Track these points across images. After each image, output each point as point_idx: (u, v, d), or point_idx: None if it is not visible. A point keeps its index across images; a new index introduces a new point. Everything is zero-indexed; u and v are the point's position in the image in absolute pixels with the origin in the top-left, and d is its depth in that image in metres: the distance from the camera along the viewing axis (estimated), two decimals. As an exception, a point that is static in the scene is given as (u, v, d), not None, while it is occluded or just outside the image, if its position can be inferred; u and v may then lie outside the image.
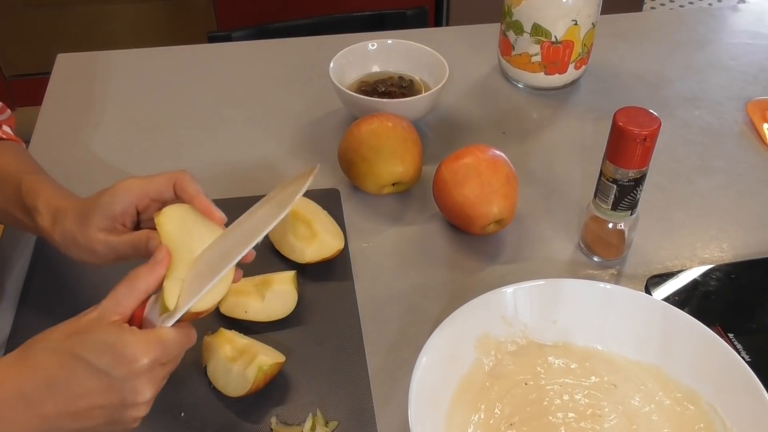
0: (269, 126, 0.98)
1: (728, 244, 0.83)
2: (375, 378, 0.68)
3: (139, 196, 0.64)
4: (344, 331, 0.72)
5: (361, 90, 0.96)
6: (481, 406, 0.63)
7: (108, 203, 0.63)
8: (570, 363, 0.67)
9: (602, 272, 0.79)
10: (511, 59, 1.03)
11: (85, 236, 0.63)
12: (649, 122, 0.68)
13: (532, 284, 0.68)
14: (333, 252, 0.76)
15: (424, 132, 0.97)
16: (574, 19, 0.96)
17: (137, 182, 0.64)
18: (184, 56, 1.13)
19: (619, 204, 0.73)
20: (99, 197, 0.64)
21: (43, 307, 0.73)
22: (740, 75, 1.10)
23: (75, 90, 1.04)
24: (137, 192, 0.63)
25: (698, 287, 0.76)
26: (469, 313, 0.65)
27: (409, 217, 0.85)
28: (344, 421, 0.64)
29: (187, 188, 0.63)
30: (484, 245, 0.81)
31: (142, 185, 0.64)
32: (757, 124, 0.99)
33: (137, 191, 0.63)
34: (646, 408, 0.63)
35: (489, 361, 0.66)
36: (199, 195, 0.63)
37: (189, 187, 0.63)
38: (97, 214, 0.63)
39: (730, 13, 1.28)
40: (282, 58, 1.12)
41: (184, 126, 0.98)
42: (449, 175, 0.79)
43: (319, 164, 0.64)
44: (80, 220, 0.64)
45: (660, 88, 1.07)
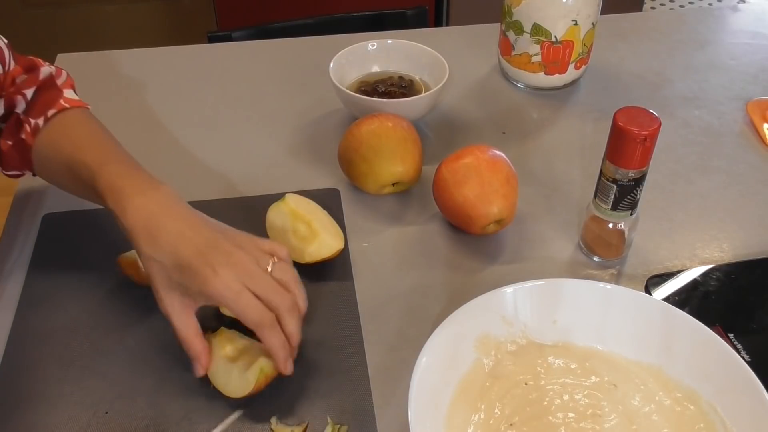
0: (269, 126, 0.98)
1: (728, 244, 0.83)
2: (375, 378, 0.68)
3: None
4: (344, 331, 0.72)
5: (361, 90, 0.96)
6: (481, 406, 0.63)
7: (194, 295, 0.62)
8: (570, 363, 0.67)
9: (602, 272, 0.79)
10: (511, 59, 1.03)
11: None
12: (649, 122, 0.68)
13: (532, 284, 0.68)
14: (333, 252, 0.76)
15: (424, 132, 0.97)
16: (574, 19, 0.96)
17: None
18: (184, 56, 1.13)
19: (619, 204, 0.73)
20: (189, 282, 0.61)
21: (43, 307, 0.73)
22: (740, 75, 1.10)
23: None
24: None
25: (698, 287, 0.76)
26: (469, 313, 0.65)
27: (409, 217, 0.85)
28: (344, 421, 0.64)
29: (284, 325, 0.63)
30: (484, 245, 0.81)
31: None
32: (757, 124, 0.99)
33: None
34: (646, 408, 0.63)
35: (489, 361, 0.66)
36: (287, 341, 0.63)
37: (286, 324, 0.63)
38: (181, 291, 0.62)
39: (730, 13, 1.28)
40: (282, 58, 1.12)
41: (184, 126, 0.98)
42: (449, 175, 0.79)
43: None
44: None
45: (660, 88, 1.07)
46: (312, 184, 0.88)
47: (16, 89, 0.75)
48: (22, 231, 0.82)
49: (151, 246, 0.62)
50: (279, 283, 0.63)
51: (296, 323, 0.63)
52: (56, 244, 0.80)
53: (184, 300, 0.62)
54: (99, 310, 0.73)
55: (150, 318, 0.71)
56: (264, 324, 0.61)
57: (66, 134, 0.73)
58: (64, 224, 0.82)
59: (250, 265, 0.62)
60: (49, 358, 0.69)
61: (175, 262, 0.61)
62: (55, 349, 0.70)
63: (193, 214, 0.65)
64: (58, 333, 0.71)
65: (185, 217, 0.64)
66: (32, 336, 0.71)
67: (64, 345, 0.70)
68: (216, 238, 0.62)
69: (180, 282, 0.61)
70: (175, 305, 0.62)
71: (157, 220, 0.63)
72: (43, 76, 0.76)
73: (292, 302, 0.63)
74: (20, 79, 0.76)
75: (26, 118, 0.74)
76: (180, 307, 0.63)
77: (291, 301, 0.63)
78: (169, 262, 0.61)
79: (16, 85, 0.75)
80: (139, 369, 0.68)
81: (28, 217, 0.84)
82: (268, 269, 0.63)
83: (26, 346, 0.70)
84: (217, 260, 0.60)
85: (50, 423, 0.64)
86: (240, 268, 0.61)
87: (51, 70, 0.78)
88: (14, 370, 0.68)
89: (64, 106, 0.74)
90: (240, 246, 0.63)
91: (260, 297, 0.61)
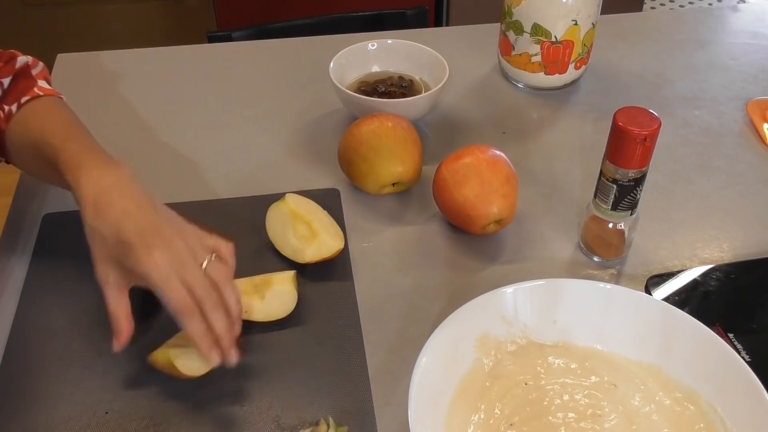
0: (269, 126, 0.98)
1: (728, 244, 0.83)
2: (375, 378, 0.68)
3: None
4: (344, 331, 0.71)
5: (361, 90, 0.96)
6: (481, 406, 0.63)
7: (127, 272, 0.63)
8: (570, 363, 0.67)
9: (602, 272, 0.79)
10: (511, 59, 1.03)
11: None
12: (649, 122, 0.68)
13: (532, 284, 0.68)
14: (333, 252, 0.76)
15: (424, 132, 0.97)
16: (574, 19, 0.96)
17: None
18: (184, 56, 1.13)
19: (619, 204, 0.73)
20: (124, 257, 0.62)
21: (43, 307, 0.73)
22: (740, 75, 1.10)
23: (75, 90, 1.04)
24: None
25: (698, 287, 0.76)
26: (469, 313, 0.65)
27: (409, 217, 0.85)
28: (344, 421, 0.64)
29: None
30: (484, 245, 0.81)
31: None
32: (757, 124, 0.99)
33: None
34: (646, 408, 0.63)
35: (489, 361, 0.66)
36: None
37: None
38: (117, 266, 0.63)
39: (730, 13, 1.28)
40: (282, 58, 1.12)
41: (184, 126, 0.98)
42: (449, 175, 0.79)
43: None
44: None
45: (660, 88, 1.07)
46: (312, 184, 0.88)
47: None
48: (22, 231, 0.82)
49: (96, 218, 0.63)
50: (210, 280, 0.63)
51: (222, 321, 0.62)
52: (56, 244, 0.80)
53: (118, 275, 0.64)
54: (99, 310, 0.73)
55: (150, 318, 0.71)
56: (184, 311, 0.61)
57: (36, 119, 0.74)
58: (64, 224, 0.82)
59: (184, 254, 0.62)
60: (49, 358, 0.69)
61: (116, 237, 0.62)
62: (55, 349, 0.70)
63: (144, 195, 0.65)
64: (58, 333, 0.71)
65: (135, 197, 0.65)
66: (32, 336, 0.71)
67: (64, 345, 0.70)
68: (159, 223, 0.64)
69: (116, 257, 0.63)
70: (109, 279, 0.64)
71: (108, 195, 0.64)
72: (19, 65, 0.79)
73: (217, 299, 0.63)
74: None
75: (0, 105, 0.76)
76: (114, 282, 0.64)
77: (216, 298, 0.63)
78: (110, 236, 0.62)
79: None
80: (139, 369, 0.67)
81: (28, 217, 0.84)
82: (203, 264, 0.63)
83: (26, 346, 0.70)
84: (154, 242, 0.61)
85: (50, 423, 0.64)
86: (174, 255, 0.62)
87: (27, 60, 0.80)
88: (14, 370, 0.68)
89: (37, 94, 0.77)
90: (181, 235, 0.64)
91: (187, 287, 0.62)
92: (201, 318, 0.62)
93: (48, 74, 0.81)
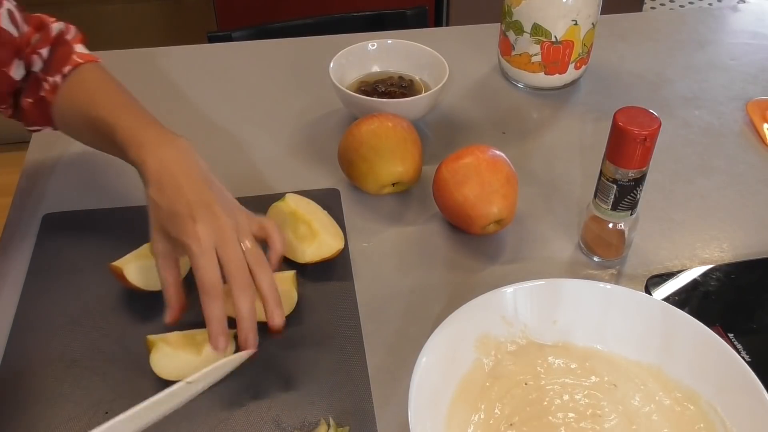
0: (269, 126, 0.98)
1: (728, 244, 0.83)
2: (375, 378, 0.68)
3: None
4: (344, 331, 0.72)
5: (361, 90, 0.96)
6: (481, 406, 0.63)
7: (173, 242, 0.65)
8: (570, 363, 0.67)
9: (602, 272, 0.79)
10: (511, 59, 1.03)
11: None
12: (649, 122, 0.68)
13: (532, 284, 0.68)
14: (333, 252, 0.76)
15: (424, 132, 0.97)
16: (574, 19, 0.96)
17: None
18: (184, 56, 1.13)
19: (619, 204, 0.73)
20: (172, 229, 0.64)
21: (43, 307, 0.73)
22: (740, 75, 1.10)
23: (75, 90, 1.04)
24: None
25: (698, 287, 0.76)
26: (469, 313, 0.65)
27: (409, 217, 0.85)
28: (344, 421, 0.64)
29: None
30: (484, 245, 0.81)
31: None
32: (757, 124, 0.99)
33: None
34: (646, 408, 0.63)
35: (489, 361, 0.66)
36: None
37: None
38: (166, 235, 0.65)
39: (730, 13, 1.28)
40: (282, 58, 1.12)
41: (184, 126, 0.97)
42: (449, 175, 0.79)
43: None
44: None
45: (660, 88, 1.07)
46: (312, 184, 0.88)
47: (31, 49, 0.79)
48: (22, 231, 0.82)
49: (156, 192, 0.65)
50: (248, 261, 0.64)
51: (247, 302, 0.63)
52: (56, 244, 0.80)
53: (167, 246, 0.65)
54: (99, 310, 0.73)
55: (150, 318, 0.71)
56: (210, 291, 0.62)
57: (83, 89, 0.77)
58: (64, 224, 0.82)
59: (228, 232, 0.63)
60: (49, 358, 0.69)
61: (169, 208, 0.64)
62: (55, 349, 0.70)
63: (201, 172, 0.68)
64: (58, 333, 0.71)
65: (193, 173, 0.67)
66: (32, 336, 0.71)
67: (64, 345, 0.70)
68: (210, 199, 0.65)
69: (166, 229, 0.64)
70: (159, 248, 0.66)
71: (168, 171, 0.66)
72: (54, 33, 0.81)
73: (248, 281, 0.63)
74: (34, 39, 0.80)
75: (44, 76, 0.79)
76: (164, 251, 0.66)
77: (249, 280, 0.63)
78: (164, 207, 0.64)
79: (31, 46, 0.79)
80: (139, 369, 0.67)
81: (28, 217, 0.84)
82: (244, 245, 0.64)
83: (26, 346, 0.70)
84: (201, 216, 0.63)
85: (50, 423, 0.64)
86: (218, 231, 0.63)
87: (60, 27, 0.82)
88: (14, 370, 0.68)
89: (78, 62, 0.79)
90: (230, 214, 0.65)
91: (223, 265, 0.62)
92: (222, 304, 0.62)
93: (83, 36, 0.83)
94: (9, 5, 0.78)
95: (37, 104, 0.79)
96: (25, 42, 0.79)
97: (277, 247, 0.67)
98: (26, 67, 0.80)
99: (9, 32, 0.77)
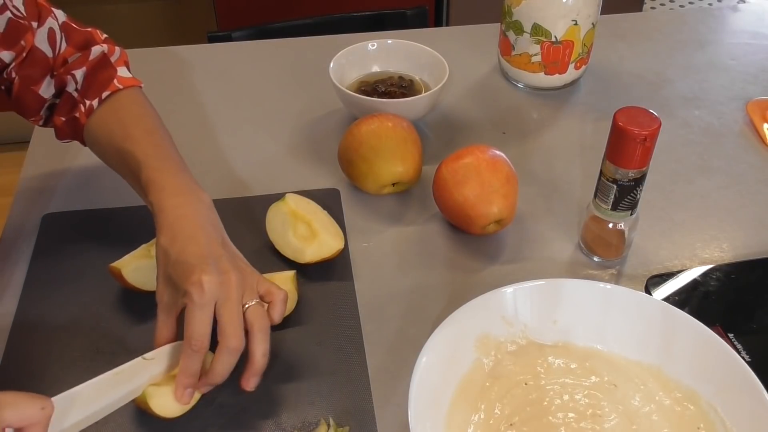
0: (269, 126, 0.98)
1: (728, 244, 0.83)
2: (375, 378, 0.68)
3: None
4: (344, 331, 0.72)
5: (361, 90, 0.96)
6: (481, 406, 0.63)
7: (176, 293, 0.63)
8: (570, 363, 0.67)
9: (602, 272, 0.79)
10: (511, 59, 1.03)
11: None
12: (649, 122, 0.68)
13: (532, 284, 0.68)
14: (333, 252, 0.76)
15: (424, 132, 0.97)
16: (574, 19, 0.96)
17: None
18: (184, 56, 1.13)
19: (619, 204, 0.73)
20: (177, 278, 0.62)
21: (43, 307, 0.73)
22: (740, 75, 1.10)
23: (75, 90, 1.04)
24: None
25: (698, 287, 0.76)
26: (469, 313, 0.65)
27: (409, 217, 0.85)
28: (344, 421, 0.64)
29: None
30: (484, 245, 0.81)
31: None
32: (757, 124, 0.99)
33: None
34: (646, 408, 0.63)
35: (489, 361, 0.66)
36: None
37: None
38: (171, 285, 0.64)
39: (730, 13, 1.28)
40: (282, 58, 1.12)
41: (183, 126, 0.98)
42: (449, 175, 0.79)
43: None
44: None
45: (660, 88, 1.07)
46: (312, 184, 0.88)
47: (65, 69, 0.77)
48: (22, 231, 0.82)
49: (168, 240, 0.64)
50: (246, 323, 0.62)
51: (227, 365, 0.61)
52: (56, 244, 0.80)
53: (171, 297, 0.64)
54: (99, 310, 0.73)
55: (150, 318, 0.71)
56: (194, 346, 0.60)
57: (117, 118, 0.75)
58: (64, 224, 0.82)
59: (232, 290, 0.62)
60: (49, 358, 0.69)
61: (178, 257, 0.62)
62: (55, 349, 0.70)
63: (216, 229, 0.66)
64: (58, 333, 0.71)
65: (207, 228, 0.65)
66: (32, 336, 0.71)
67: (64, 345, 0.70)
68: (221, 255, 0.63)
69: (173, 277, 0.63)
70: (164, 299, 0.64)
71: (182, 221, 0.65)
72: (94, 56, 0.78)
73: (238, 347, 0.61)
74: (72, 58, 0.78)
75: (81, 99, 0.77)
76: (167, 304, 0.64)
77: (239, 345, 0.61)
78: (173, 256, 0.63)
79: (66, 66, 0.77)
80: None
81: (28, 217, 0.84)
82: (247, 305, 0.63)
83: (26, 346, 0.70)
84: (208, 268, 0.61)
85: (50, 423, 0.64)
86: (224, 287, 0.61)
87: (103, 49, 0.79)
88: (14, 370, 0.68)
89: (117, 87, 0.77)
90: (239, 272, 0.63)
91: (219, 322, 0.61)
92: (201, 360, 0.61)
93: (127, 58, 0.81)
94: (53, 23, 0.76)
95: (69, 123, 0.78)
96: (60, 61, 0.77)
97: (273, 317, 0.64)
98: (59, 87, 0.77)
99: (43, 52, 0.75)
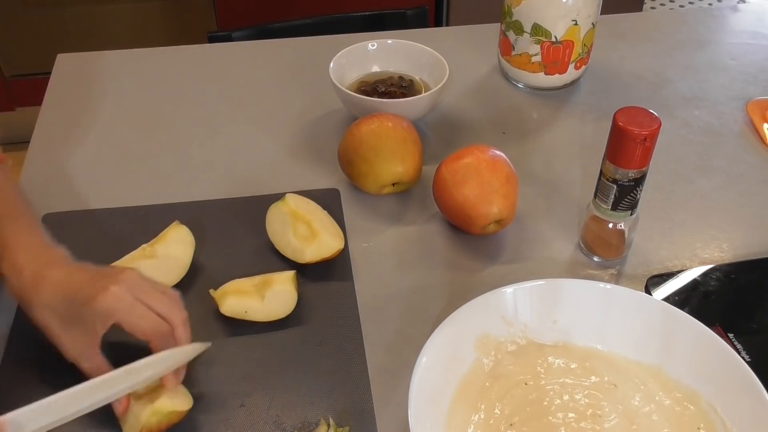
0: (269, 126, 0.98)
1: (728, 244, 0.83)
2: (375, 378, 0.68)
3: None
4: (344, 331, 0.72)
5: (361, 90, 0.96)
6: (481, 406, 0.63)
7: (91, 322, 0.61)
8: (570, 363, 0.67)
9: (602, 272, 0.79)
10: (511, 59, 1.03)
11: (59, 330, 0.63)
12: (649, 122, 0.68)
13: (532, 284, 0.68)
14: (333, 252, 0.76)
15: (424, 132, 0.97)
16: (574, 19, 0.96)
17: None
18: (184, 56, 1.13)
19: (619, 204, 0.73)
20: (82, 308, 0.60)
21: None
22: (740, 75, 1.10)
23: (75, 90, 1.04)
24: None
25: (698, 287, 0.76)
26: (469, 313, 0.65)
27: (409, 217, 0.85)
28: (344, 421, 0.64)
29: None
30: (484, 245, 0.81)
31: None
32: (757, 124, 0.99)
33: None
34: (646, 408, 0.63)
35: (489, 361, 0.66)
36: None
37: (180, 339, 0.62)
38: (79, 326, 0.61)
39: (730, 13, 1.28)
40: (282, 58, 1.12)
41: (184, 126, 0.98)
42: (449, 175, 0.79)
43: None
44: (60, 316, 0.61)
45: (660, 88, 1.07)
46: (312, 184, 0.88)
47: None
48: (22, 231, 0.82)
49: (38, 295, 0.61)
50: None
51: (189, 336, 0.62)
52: (56, 244, 0.79)
53: (85, 334, 0.61)
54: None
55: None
56: (161, 332, 0.60)
57: None
58: (64, 224, 0.82)
59: (140, 281, 0.61)
60: (49, 358, 0.69)
61: (64, 298, 0.61)
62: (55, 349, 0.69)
63: (79, 267, 0.64)
64: (58, 333, 0.71)
65: (69, 268, 0.63)
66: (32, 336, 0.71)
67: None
68: (100, 270, 0.63)
69: (72, 315, 0.61)
70: (77, 344, 0.62)
71: (42, 272, 0.62)
72: None
73: (184, 317, 0.62)
74: None
75: None
76: (84, 345, 0.62)
77: (184, 316, 0.62)
78: (57, 301, 0.61)
79: None
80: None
81: (28, 217, 0.83)
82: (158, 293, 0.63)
83: (26, 347, 0.70)
84: (105, 282, 0.60)
85: (50, 423, 0.64)
86: (131, 283, 0.61)
87: None
88: (14, 371, 0.68)
89: None
90: (132, 277, 0.62)
91: (153, 309, 0.61)
92: (169, 339, 0.61)
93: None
94: None
95: None
96: None
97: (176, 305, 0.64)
98: None
99: None
